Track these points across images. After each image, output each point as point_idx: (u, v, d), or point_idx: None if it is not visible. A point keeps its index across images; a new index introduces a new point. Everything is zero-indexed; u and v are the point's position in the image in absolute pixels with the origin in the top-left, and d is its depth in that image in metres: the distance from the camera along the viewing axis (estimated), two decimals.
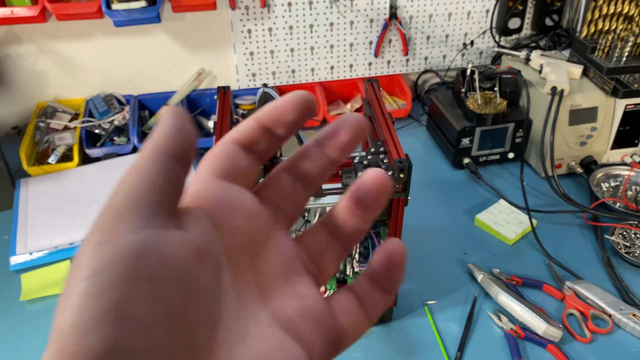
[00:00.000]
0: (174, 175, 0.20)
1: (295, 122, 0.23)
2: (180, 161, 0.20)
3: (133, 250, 0.17)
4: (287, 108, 0.23)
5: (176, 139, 0.20)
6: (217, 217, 0.21)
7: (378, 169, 0.23)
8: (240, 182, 0.23)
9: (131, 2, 1.00)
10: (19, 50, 1.19)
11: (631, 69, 1.06)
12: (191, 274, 0.18)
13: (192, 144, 0.20)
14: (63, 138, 1.15)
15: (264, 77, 1.32)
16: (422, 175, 1.13)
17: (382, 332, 0.82)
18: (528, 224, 0.97)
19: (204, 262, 0.19)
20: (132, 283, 0.17)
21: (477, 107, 1.08)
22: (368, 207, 0.23)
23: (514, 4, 1.30)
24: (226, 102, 0.79)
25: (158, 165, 0.19)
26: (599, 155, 1.11)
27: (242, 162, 0.23)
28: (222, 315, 0.20)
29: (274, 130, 0.23)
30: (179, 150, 0.20)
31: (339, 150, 0.24)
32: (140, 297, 0.17)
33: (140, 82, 1.28)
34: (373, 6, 1.27)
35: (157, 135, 0.20)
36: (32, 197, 1.05)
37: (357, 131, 0.23)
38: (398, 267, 0.23)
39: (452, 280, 0.89)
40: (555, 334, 0.77)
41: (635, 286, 0.87)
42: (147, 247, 0.17)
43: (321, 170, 0.24)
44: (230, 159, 0.22)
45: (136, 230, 0.18)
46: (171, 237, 0.18)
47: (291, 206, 0.24)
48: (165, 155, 0.19)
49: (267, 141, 0.23)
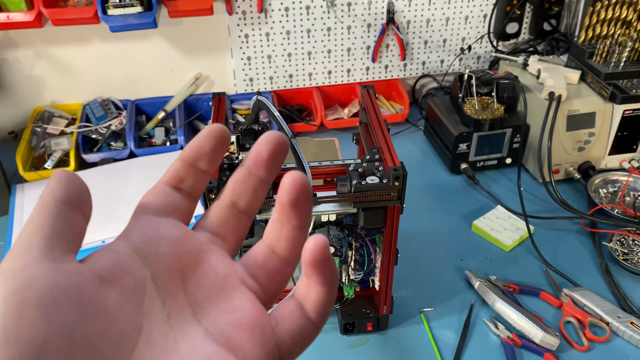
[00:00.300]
0: (65, 217, 0.22)
1: (213, 152, 0.26)
2: (71, 205, 0.22)
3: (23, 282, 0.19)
4: (204, 142, 0.26)
5: (64, 187, 0.22)
6: (142, 247, 0.23)
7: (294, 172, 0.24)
8: (172, 217, 0.25)
9: (127, 8, 1.00)
10: (16, 55, 1.19)
11: (629, 74, 1.06)
12: (87, 296, 0.20)
13: (82, 190, 0.23)
14: (59, 143, 1.14)
15: (261, 82, 1.31)
16: (419, 181, 1.13)
17: (378, 340, 0.81)
18: (525, 230, 0.97)
19: (108, 286, 0.21)
20: (22, 309, 0.19)
21: (474, 113, 1.08)
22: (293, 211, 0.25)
23: (512, 9, 1.30)
24: (221, 108, 0.79)
25: (46, 210, 0.22)
26: (597, 160, 1.10)
27: (172, 199, 0.25)
28: (144, 333, 0.21)
29: (196, 165, 0.26)
30: (68, 195, 0.22)
31: (264, 168, 0.26)
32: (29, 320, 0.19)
33: (137, 87, 1.28)
34: (370, 11, 1.26)
35: (46, 189, 0.22)
36: (27, 203, 1.05)
37: (278, 147, 0.25)
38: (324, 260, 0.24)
39: (448, 287, 0.89)
40: (552, 342, 0.77)
41: (633, 294, 0.87)
42: (37, 277, 0.20)
43: (252, 191, 0.26)
44: (159, 197, 0.25)
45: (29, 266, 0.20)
46: (64, 267, 0.21)
47: (228, 231, 0.26)
48: (54, 202, 0.22)
49: (194, 177, 0.26)
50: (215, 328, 0.23)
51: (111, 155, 1.16)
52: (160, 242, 0.23)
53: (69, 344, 0.19)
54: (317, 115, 1.27)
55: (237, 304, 0.24)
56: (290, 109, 1.31)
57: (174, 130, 1.22)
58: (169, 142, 1.21)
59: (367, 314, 0.81)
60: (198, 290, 0.24)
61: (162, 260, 0.23)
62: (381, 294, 0.78)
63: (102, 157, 1.15)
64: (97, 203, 0.91)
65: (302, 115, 1.31)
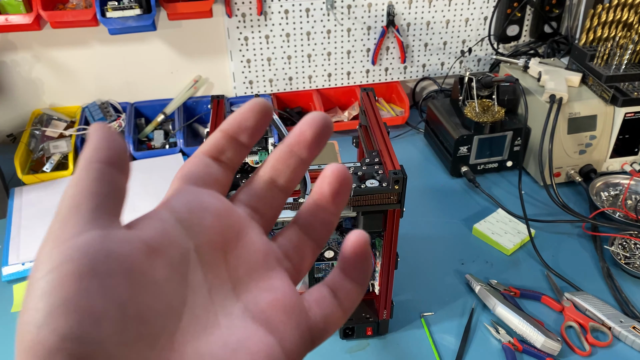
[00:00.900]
0: (111, 180, 0.21)
1: (255, 127, 0.25)
2: (114, 166, 0.21)
3: (78, 249, 0.19)
4: (247, 115, 0.25)
5: (106, 147, 0.21)
6: (186, 218, 0.22)
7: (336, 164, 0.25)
8: (213, 188, 0.24)
9: (126, 10, 0.99)
10: (15, 58, 1.19)
11: (630, 76, 1.05)
12: (139, 267, 0.20)
13: (122, 149, 0.22)
14: (58, 146, 1.14)
15: (260, 84, 1.31)
16: (419, 184, 1.12)
17: (378, 345, 0.80)
18: (526, 234, 0.96)
19: (156, 257, 0.21)
20: (79, 279, 0.18)
21: (474, 115, 1.07)
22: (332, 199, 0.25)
23: (512, 11, 1.29)
24: (220, 111, 0.78)
25: (92, 172, 0.21)
26: (598, 163, 1.10)
27: (212, 170, 0.25)
28: (188, 307, 0.21)
29: (237, 137, 0.25)
30: (111, 156, 0.21)
31: (306, 149, 0.25)
32: (87, 291, 0.18)
33: (136, 90, 1.27)
34: (370, 13, 1.26)
35: (88, 147, 0.22)
36: (26, 206, 1.04)
37: (322, 128, 0.25)
38: (363, 256, 0.25)
39: (449, 292, 0.88)
40: (553, 347, 0.76)
41: (635, 298, 0.86)
42: (91, 246, 0.19)
43: (292, 170, 0.26)
44: (200, 168, 0.25)
45: (81, 233, 0.19)
46: (115, 235, 0.20)
47: (267, 207, 0.26)
48: (98, 163, 0.21)
49: (234, 149, 0.25)
50: (255, 306, 0.23)
51: None
52: (204, 214, 0.23)
53: (123, 317, 0.19)
54: None
55: (275, 284, 0.24)
56: (290, 111, 1.30)
57: (173, 133, 1.22)
58: (168, 145, 1.20)
59: (366, 319, 0.80)
60: (239, 265, 0.24)
61: (205, 232, 0.23)
62: (381, 298, 0.77)
63: None
64: None
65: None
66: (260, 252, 0.24)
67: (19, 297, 0.87)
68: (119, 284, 0.19)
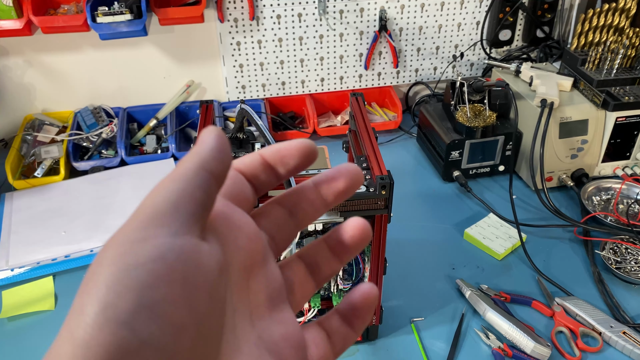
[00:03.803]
0: (211, 192, 0.20)
1: (296, 166, 0.25)
2: (217, 180, 0.21)
3: (174, 252, 0.18)
4: (293, 153, 0.24)
5: (218, 158, 0.21)
6: (224, 233, 0.22)
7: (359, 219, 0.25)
8: (242, 207, 0.24)
9: (116, 16, 0.99)
10: (6, 63, 1.18)
11: (621, 81, 1.05)
12: (216, 285, 0.19)
13: (229, 165, 0.21)
14: (50, 151, 1.14)
15: (253, 89, 1.31)
16: (411, 188, 1.12)
17: (368, 351, 0.80)
18: (517, 239, 0.96)
19: (223, 276, 0.20)
20: (170, 284, 0.17)
21: (466, 120, 1.07)
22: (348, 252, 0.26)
23: (505, 16, 1.30)
24: (209, 116, 0.78)
25: (199, 178, 0.20)
26: (590, 168, 1.10)
27: (245, 189, 0.24)
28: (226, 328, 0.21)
29: (276, 168, 0.25)
30: (219, 169, 0.21)
31: (334, 195, 0.25)
32: (175, 299, 0.17)
33: (128, 95, 1.27)
34: (363, 18, 1.26)
35: (201, 151, 0.20)
36: (16, 211, 1.04)
37: (354, 181, 0.25)
38: (369, 309, 0.25)
39: (439, 297, 0.88)
40: (543, 352, 0.76)
41: (626, 303, 0.86)
42: (186, 252, 0.18)
43: (314, 209, 0.26)
44: (236, 184, 0.24)
45: (177, 235, 0.18)
46: (204, 248, 0.19)
47: (282, 237, 0.25)
48: (206, 172, 0.20)
49: (268, 177, 0.25)
50: (269, 337, 0.22)
51: (102, 163, 1.15)
52: (238, 234, 0.22)
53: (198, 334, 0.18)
54: (310, 122, 1.26)
55: (286, 317, 0.24)
56: (283, 116, 1.30)
57: (165, 138, 1.21)
58: (161, 150, 1.20)
59: None
60: (259, 291, 0.23)
61: (238, 253, 0.22)
62: None
63: (92, 165, 1.15)
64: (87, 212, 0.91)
65: (295, 122, 1.31)
66: (277, 282, 0.24)
67: (8, 303, 0.87)
68: (202, 299, 0.18)
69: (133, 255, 0.17)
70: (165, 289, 0.17)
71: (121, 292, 0.17)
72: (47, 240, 0.97)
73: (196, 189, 0.20)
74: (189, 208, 0.19)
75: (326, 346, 0.25)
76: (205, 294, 0.18)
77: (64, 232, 0.99)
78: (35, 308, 0.86)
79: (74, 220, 1.02)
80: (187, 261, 0.18)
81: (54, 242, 0.96)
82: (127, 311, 0.16)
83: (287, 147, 0.24)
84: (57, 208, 1.04)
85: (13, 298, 0.88)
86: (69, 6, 1.11)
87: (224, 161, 0.21)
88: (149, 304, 0.17)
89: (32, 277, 0.91)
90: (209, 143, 0.21)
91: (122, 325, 0.16)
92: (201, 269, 0.19)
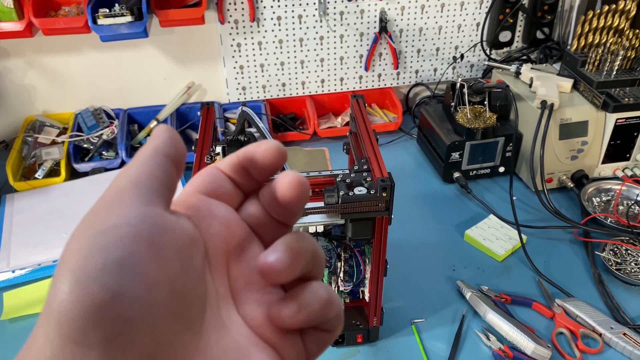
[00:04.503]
0: (170, 172, 0.22)
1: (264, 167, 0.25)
2: (174, 162, 0.22)
3: (138, 217, 0.19)
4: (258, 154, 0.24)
5: (170, 144, 0.22)
6: (196, 223, 0.23)
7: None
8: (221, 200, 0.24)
9: (117, 17, 0.99)
10: (7, 65, 1.19)
11: (621, 82, 1.06)
12: (187, 250, 0.20)
13: (184, 152, 0.23)
14: (50, 153, 1.14)
15: (254, 90, 1.31)
16: (411, 189, 1.12)
17: (369, 352, 0.80)
18: (518, 240, 0.96)
19: (195, 247, 0.21)
20: (137, 242, 0.18)
21: (466, 121, 1.07)
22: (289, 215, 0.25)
23: (505, 17, 1.30)
24: (209, 118, 0.78)
25: (156, 160, 0.22)
26: (590, 169, 1.10)
27: (225, 185, 0.25)
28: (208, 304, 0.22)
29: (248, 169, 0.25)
30: (173, 152, 0.22)
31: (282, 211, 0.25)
32: (143, 255, 0.18)
33: (129, 96, 1.27)
34: (363, 20, 1.26)
35: (155, 140, 0.22)
36: (17, 213, 1.04)
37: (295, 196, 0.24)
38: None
39: (440, 298, 0.88)
40: (544, 354, 0.76)
41: (626, 304, 0.86)
42: (151, 217, 0.19)
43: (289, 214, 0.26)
44: (214, 180, 0.25)
45: (140, 204, 0.20)
46: (171, 217, 0.21)
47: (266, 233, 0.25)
48: (163, 155, 0.22)
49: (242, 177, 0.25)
50: (253, 320, 0.23)
51: (102, 165, 1.15)
52: (211, 221, 0.23)
53: (172, 291, 0.19)
54: (310, 123, 1.26)
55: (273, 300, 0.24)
56: (284, 117, 1.30)
57: None
58: None
59: (357, 326, 0.80)
60: (239, 276, 0.24)
61: (212, 239, 0.23)
62: (371, 305, 0.77)
63: (93, 167, 1.15)
64: None
65: (295, 123, 1.31)
66: None
67: (9, 305, 0.87)
68: (172, 259, 0.19)
69: (98, 224, 0.19)
70: (131, 246, 0.18)
71: (88, 255, 0.18)
72: (48, 241, 0.97)
73: (155, 168, 0.21)
74: (149, 184, 0.21)
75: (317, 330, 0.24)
76: (173, 253, 0.19)
77: (64, 234, 0.99)
78: (37, 310, 0.86)
79: (75, 221, 1.01)
80: (152, 224, 0.19)
81: (55, 244, 0.97)
82: (96, 269, 0.17)
83: (253, 147, 0.25)
84: (58, 209, 1.05)
85: (14, 300, 0.88)
86: (70, 8, 1.11)
87: (177, 147, 0.23)
88: (117, 260, 0.18)
89: (33, 278, 0.91)
90: (160, 135, 0.23)
91: (92, 281, 0.17)
92: (168, 232, 0.20)
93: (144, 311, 0.18)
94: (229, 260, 0.24)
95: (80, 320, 0.17)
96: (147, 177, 0.21)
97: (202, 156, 0.71)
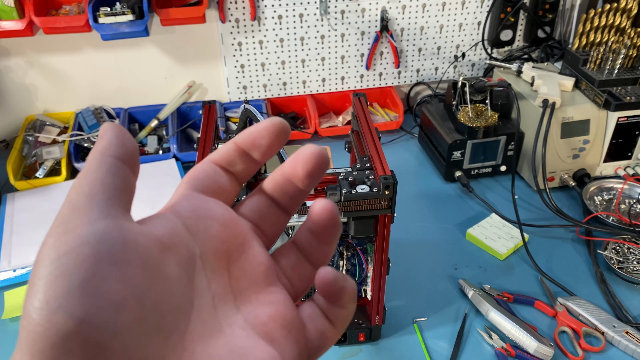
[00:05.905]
0: (122, 174, 0.21)
1: (269, 146, 0.25)
2: (125, 162, 0.21)
3: (95, 235, 0.18)
4: (262, 133, 0.24)
5: (119, 144, 0.22)
6: (193, 224, 0.22)
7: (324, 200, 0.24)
8: (219, 197, 0.24)
9: (118, 16, 0.99)
10: (8, 64, 1.18)
11: (623, 81, 1.06)
12: (154, 260, 0.20)
13: (134, 148, 0.22)
14: (51, 152, 1.14)
15: (255, 89, 1.31)
16: (413, 188, 1.12)
17: (371, 351, 0.80)
18: (520, 239, 0.96)
19: (168, 253, 0.20)
20: (97, 263, 0.18)
21: (468, 120, 1.07)
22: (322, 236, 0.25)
23: (506, 16, 1.30)
24: (211, 117, 0.78)
25: (104, 165, 0.21)
26: (592, 168, 1.10)
27: (221, 179, 0.24)
28: (195, 309, 0.21)
29: (250, 153, 0.25)
30: (124, 153, 0.21)
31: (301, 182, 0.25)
32: (106, 276, 0.18)
33: (130, 95, 1.27)
34: (364, 19, 1.26)
35: (101, 142, 0.22)
36: (18, 212, 1.04)
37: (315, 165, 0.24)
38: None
39: (442, 297, 0.88)
40: (546, 352, 0.76)
41: (628, 302, 0.86)
42: (108, 233, 0.19)
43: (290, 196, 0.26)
44: (209, 177, 0.24)
45: (97, 220, 0.19)
46: (130, 227, 0.20)
47: (267, 225, 0.26)
48: (111, 157, 0.21)
49: (244, 163, 0.25)
50: (255, 319, 0.23)
51: None
52: (210, 222, 0.23)
53: (141, 307, 0.18)
54: (311, 123, 1.26)
55: (275, 298, 0.24)
56: (284, 116, 1.30)
57: (166, 139, 1.21)
58: (162, 151, 1.20)
59: (359, 324, 0.79)
60: (241, 276, 0.23)
61: (210, 240, 0.23)
62: (373, 304, 0.77)
63: None
64: None
65: (297, 123, 1.31)
66: (262, 266, 0.24)
67: (10, 304, 0.87)
68: (137, 273, 0.19)
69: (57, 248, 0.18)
70: (93, 267, 0.17)
71: (51, 281, 0.17)
72: None
73: (105, 175, 0.20)
74: (102, 195, 0.20)
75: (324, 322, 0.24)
76: (138, 268, 0.19)
77: None
78: None
79: None
80: (111, 240, 0.18)
81: None
82: (59, 296, 0.17)
83: (256, 128, 0.25)
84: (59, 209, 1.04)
85: (15, 299, 0.88)
86: (71, 7, 1.11)
87: (125, 145, 0.22)
88: (79, 284, 0.17)
89: None
90: (105, 135, 0.22)
91: (56, 310, 0.17)
92: (129, 245, 0.19)
93: (113, 334, 0.17)
94: (230, 260, 0.23)
95: (50, 351, 0.17)
96: (99, 187, 0.20)
97: (204, 155, 0.71)
